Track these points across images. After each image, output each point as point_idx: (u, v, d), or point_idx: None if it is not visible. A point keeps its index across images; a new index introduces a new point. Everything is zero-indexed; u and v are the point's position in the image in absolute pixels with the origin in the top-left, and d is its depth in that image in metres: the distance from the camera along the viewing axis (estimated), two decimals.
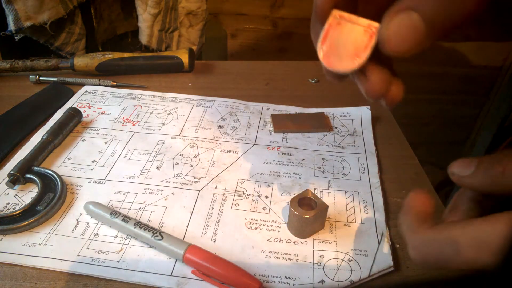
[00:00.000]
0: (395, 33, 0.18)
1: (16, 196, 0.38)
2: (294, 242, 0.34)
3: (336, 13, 0.19)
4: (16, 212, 0.35)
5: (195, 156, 0.43)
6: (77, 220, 0.35)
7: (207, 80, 0.59)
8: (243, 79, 0.59)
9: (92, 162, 0.42)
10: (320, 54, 0.19)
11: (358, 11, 0.21)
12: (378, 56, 0.19)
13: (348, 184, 0.40)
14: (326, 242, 0.34)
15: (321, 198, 0.38)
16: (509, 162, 0.19)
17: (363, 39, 0.18)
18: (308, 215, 0.32)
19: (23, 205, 0.36)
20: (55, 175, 0.39)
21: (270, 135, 0.47)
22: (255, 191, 0.39)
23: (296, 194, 0.34)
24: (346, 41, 0.19)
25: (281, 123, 0.48)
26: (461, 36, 0.23)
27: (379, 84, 0.20)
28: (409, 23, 0.17)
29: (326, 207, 0.33)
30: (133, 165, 0.42)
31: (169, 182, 0.40)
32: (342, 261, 0.32)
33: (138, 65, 0.58)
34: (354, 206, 0.37)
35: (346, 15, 0.19)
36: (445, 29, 0.18)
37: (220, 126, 0.48)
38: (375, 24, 0.18)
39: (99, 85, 0.56)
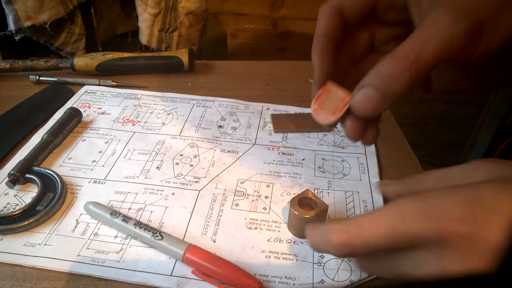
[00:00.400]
0: (358, 103, 0.24)
1: (16, 196, 0.38)
2: (294, 242, 0.34)
3: (329, 84, 0.27)
4: (16, 212, 0.35)
5: (195, 156, 0.43)
6: (77, 220, 0.35)
7: (207, 80, 0.59)
8: (243, 79, 0.59)
9: (92, 162, 0.42)
10: (312, 108, 0.26)
11: (346, 81, 0.28)
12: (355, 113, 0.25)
13: (348, 184, 0.40)
14: None
15: (321, 198, 0.38)
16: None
17: (340, 104, 0.26)
18: (308, 215, 0.32)
19: (23, 205, 0.36)
20: (55, 175, 0.39)
21: (270, 135, 0.47)
22: (255, 191, 0.39)
23: (296, 194, 0.34)
24: (330, 103, 0.26)
25: (281, 123, 0.48)
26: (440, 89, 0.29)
27: (352, 132, 0.27)
28: (366, 96, 0.23)
29: (326, 207, 0.33)
30: (133, 165, 0.42)
31: (169, 182, 0.40)
32: (342, 261, 0.32)
33: (138, 65, 0.58)
34: (354, 206, 0.37)
35: (335, 86, 0.26)
36: (396, 96, 0.23)
37: (220, 126, 0.48)
38: (350, 95, 0.25)
39: (99, 85, 0.56)
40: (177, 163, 0.42)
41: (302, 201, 0.33)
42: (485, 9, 0.23)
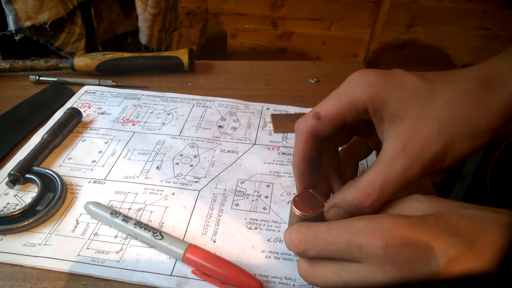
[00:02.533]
0: (331, 217, 0.30)
1: (16, 196, 0.38)
2: None
3: (312, 189, 0.33)
4: (16, 212, 0.35)
5: (195, 156, 0.43)
6: (77, 220, 0.35)
7: (207, 80, 0.59)
8: (243, 79, 0.59)
9: (92, 162, 0.42)
10: (292, 200, 0.32)
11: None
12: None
13: None
14: None
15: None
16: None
17: (318, 205, 0.31)
18: (309, 215, 0.32)
19: (23, 205, 0.36)
20: (55, 175, 0.39)
21: (270, 135, 0.47)
22: (255, 191, 0.39)
23: (296, 194, 0.34)
24: (309, 202, 0.32)
25: (281, 123, 0.48)
26: None
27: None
28: (337, 213, 0.29)
29: None
30: (133, 165, 0.42)
31: (169, 182, 0.40)
32: None
33: (138, 65, 0.58)
34: None
35: (315, 192, 0.32)
36: (365, 213, 0.27)
37: (220, 126, 0.48)
38: (324, 203, 0.31)
39: (99, 85, 0.56)
40: (177, 163, 0.42)
41: (304, 201, 0.33)
42: (438, 146, 0.27)
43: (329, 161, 0.34)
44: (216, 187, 0.39)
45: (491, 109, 0.27)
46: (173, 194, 0.38)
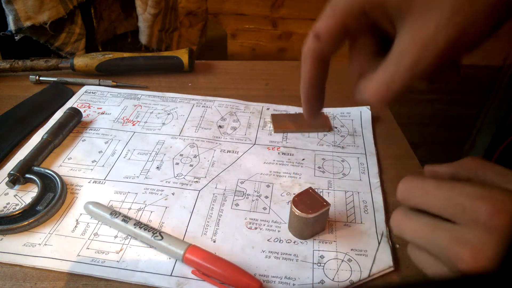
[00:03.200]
0: (370, 90, 0.27)
1: (16, 196, 0.38)
2: (294, 242, 0.34)
3: (311, 189, 0.34)
4: (16, 212, 0.35)
5: (195, 156, 0.43)
6: (77, 220, 0.35)
7: (207, 80, 0.59)
8: (243, 79, 0.59)
9: (92, 162, 0.42)
10: (292, 199, 0.33)
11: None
12: None
13: (348, 184, 0.40)
14: (326, 242, 0.34)
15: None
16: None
17: (319, 206, 0.32)
18: (310, 216, 0.32)
19: (23, 205, 0.36)
20: (55, 175, 0.39)
21: (270, 135, 0.47)
22: (255, 191, 0.39)
23: (296, 193, 0.34)
24: (309, 202, 0.33)
25: (281, 123, 0.48)
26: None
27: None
28: (377, 85, 0.26)
29: (328, 207, 0.33)
30: (133, 165, 0.42)
31: (169, 182, 0.40)
32: (342, 261, 0.32)
33: (138, 65, 0.58)
34: (354, 206, 0.37)
35: (315, 192, 0.34)
36: (401, 88, 0.26)
37: (220, 126, 0.48)
38: (326, 203, 0.33)
39: (99, 85, 0.56)
40: (177, 163, 0.42)
41: (304, 201, 0.33)
42: (453, 31, 0.24)
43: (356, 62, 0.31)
44: (216, 187, 0.39)
45: None
46: (173, 194, 0.38)
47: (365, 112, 0.50)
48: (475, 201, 0.23)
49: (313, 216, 0.32)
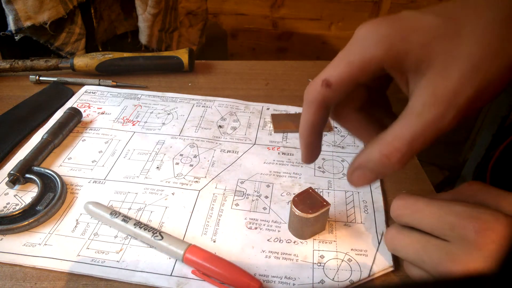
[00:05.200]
0: (355, 181, 0.28)
1: (16, 196, 0.38)
2: (294, 242, 0.34)
3: (311, 189, 0.34)
4: (16, 212, 0.35)
5: (195, 156, 0.43)
6: (77, 220, 0.35)
7: (207, 80, 0.59)
8: (243, 79, 0.59)
9: (92, 162, 0.42)
10: (292, 199, 0.33)
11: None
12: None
13: (348, 184, 0.40)
14: (326, 242, 0.34)
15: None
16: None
17: (319, 206, 0.32)
18: (310, 216, 0.32)
19: (23, 205, 0.36)
20: (55, 175, 0.39)
21: (270, 135, 0.47)
22: (255, 191, 0.39)
23: (296, 193, 0.34)
24: (309, 202, 0.33)
25: (281, 123, 0.48)
26: None
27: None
28: (362, 175, 0.28)
29: (328, 207, 0.33)
30: (133, 165, 0.42)
31: (169, 182, 0.40)
32: (342, 261, 0.32)
33: (138, 65, 0.58)
34: (354, 206, 0.37)
35: (314, 192, 0.34)
36: (389, 173, 0.27)
37: (220, 126, 0.48)
38: (326, 203, 0.33)
39: (99, 85, 0.56)
40: (177, 163, 0.42)
41: (304, 201, 0.33)
42: (474, 87, 0.24)
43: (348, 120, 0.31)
44: (216, 187, 0.39)
45: None
46: (173, 194, 0.38)
47: None
48: (463, 220, 0.24)
49: (313, 216, 0.32)
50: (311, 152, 0.31)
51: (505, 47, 0.24)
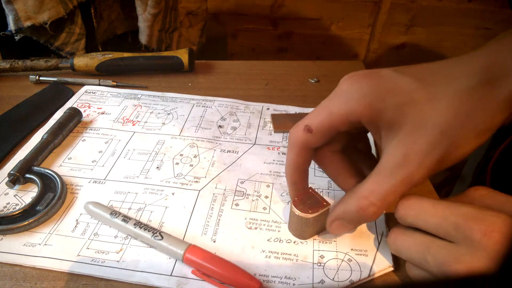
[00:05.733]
0: (334, 230, 0.32)
1: (16, 196, 0.38)
2: (294, 242, 0.34)
3: (311, 188, 0.34)
4: (16, 212, 0.35)
5: (195, 156, 0.43)
6: (77, 220, 0.35)
7: (207, 80, 0.59)
8: (243, 79, 0.59)
9: (92, 162, 0.42)
10: (292, 200, 0.33)
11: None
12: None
13: None
14: (326, 242, 0.34)
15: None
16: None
17: (319, 206, 0.32)
18: (310, 216, 0.32)
19: (23, 205, 0.36)
20: (55, 175, 0.39)
21: (270, 135, 0.47)
22: (255, 191, 0.39)
23: (298, 193, 0.34)
24: (309, 202, 0.32)
25: (281, 123, 0.48)
26: None
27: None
28: (340, 225, 0.31)
29: (328, 207, 0.33)
30: (133, 165, 0.42)
31: (169, 182, 0.40)
32: (342, 261, 0.32)
33: (138, 65, 0.58)
34: None
35: (314, 192, 0.33)
36: (368, 221, 0.30)
37: (220, 126, 0.48)
38: (326, 203, 0.32)
39: (99, 85, 0.56)
40: (177, 163, 0.42)
41: (304, 200, 0.33)
42: (441, 151, 0.26)
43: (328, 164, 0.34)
44: (216, 187, 0.39)
45: (494, 106, 0.26)
46: (173, 194, 0.38)
47: None
48: (469, 221, 0.24)
49: (313, 216, 0.32)
50: (297, 188, 0.33)
51: (472, 117, 0.26)
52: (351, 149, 0.34)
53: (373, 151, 0.39)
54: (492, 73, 0.26)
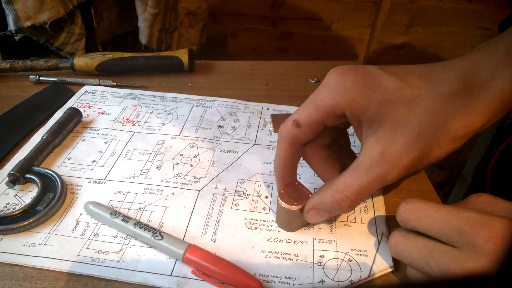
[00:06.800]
0: (311, 219, 0.32)
1: (16, 196, 0.38)
2: (294, 242, 0.34)
3: (297, 182, 0.34)
4: (16, 212, 0.35)
5: (195, 156, 0.43)
6: (77, 220, 0.35)
7: (207, 80, 0.59)
8: (243, 79, 0.59)
9: (92, 162, 0.42)
10: (279, 193, 0.33)
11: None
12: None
13: None
14: (326, 242, 0.34)
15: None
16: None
17: (304, 198, 0.33)
18: (295, 207, 0.32)
19: (23, 205, 0.36)
20: (55, 175, 0.39)
21: (270, 135, 0.47)
22: (255, 191, 0.39)
23: (285, 186, 0.34)
24: (295, 195, 0.33)
25: (281, 123, 0.48)
26: None
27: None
28: (317, 214, 0.32)
29: None
30: (133, 165, 0.42)
31: (169, 182, 0.40)
32: (342, 261, 0.32)
33: (138, 65, 0.58)
34: None
35: (300, 185, 0.34)
36: (340, 210, 0.30)
37: (220, 126, 0.48)
38: (309, 195, 0.32)
39: (99, 85, 0.56)
40: (177, 163, 0.42)
41: (290, 193, 0.34)
42: (416, 153, 0.27)
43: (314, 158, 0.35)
44: (216, 187, 0.39)
45: (472, 113, 0.27)
46: (173, 194, 0.38)
47: None
48: (473, 227, 0.24)
49: (298, 208, 0.32)
50: (284, 183, 0.34)
51: (448, 122, 0.27)
52: (335, 144, 0.35)
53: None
54: (471, 82, 0.27)
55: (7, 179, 0.38)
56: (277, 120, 0.49)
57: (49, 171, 0.39)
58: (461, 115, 0.27)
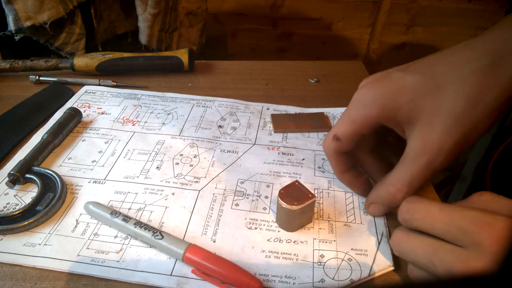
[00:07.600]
0: (371, 212, 0.35)
1: (16, 196, 0.38)
2: (294, 242, 0.34)
3: (297, 182, 0.34)
4: (16, 212, 0.35)
5: (195, 156, 0.43)
6: (77, 220, 0.35)
7: (207, 80, 0.59)
8: (243, 79, 0.59)
9: (92, 162, 0.42)
10: (279, 192, 0.33)
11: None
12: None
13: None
14: (326, 242, 0.34)
15: (321, 198, 0.38)
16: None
17: (304, 198, 0.33)
18: (295, 207, 0.32)
19: (23, 205, 0.36)
20: (55, 175, 0.39)
21: (270, 135, 0.47)
22: (255, 191, 0.39)
23: (284, 186, 0.35)
24: (295, 195, 0.33)
25: (281, 123, 0.48)
26: None
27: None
28: (376, 209, 0.35)
29: (313, 199, 0.33)
30: (133, 165, 0.42)
31: (169, 182, 0.40)
32: (342, 260, 0.32)
33: (138, 65, 0.58)
34: (354, 207, 0.37)
35: (301, 185, 0.34)
36: (396, 202, 0.32)
37: (220, 126, 0.48)
38: (312, 195, 0.33)
39: (99, 85, 0.56)
40: (177, 163, 0.42)
41: (290, 193, 0.34)
42: (458, 135, 0.28)
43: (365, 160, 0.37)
44: (216, 187, 0.39)
45: (504, 81, 0.27)
46: (173, 194, 0.38)
47: None
48: (478, 227, 0.24)
49: (298, 208, 0.32)
50: (358, 186, 0.37)
51: (482, 97, 0.28)
52: (382, 145, 0.37)
53: None
54: (499, 53, 0.28)
55: (7, 179, 0.38)
56: (277, 120, 0.49)
57: (49, 171, 0.39)
58: (494, 86, 0.28)
